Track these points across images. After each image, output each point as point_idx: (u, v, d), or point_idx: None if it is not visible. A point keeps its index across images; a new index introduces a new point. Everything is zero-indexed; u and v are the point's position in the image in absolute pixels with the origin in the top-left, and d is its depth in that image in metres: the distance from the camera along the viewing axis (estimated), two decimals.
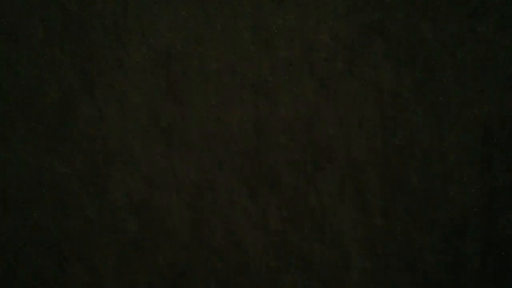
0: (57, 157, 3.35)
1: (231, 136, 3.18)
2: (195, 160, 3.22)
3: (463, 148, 2.89)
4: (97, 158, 3.31)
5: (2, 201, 3.40)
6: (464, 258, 2.89)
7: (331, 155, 3.05)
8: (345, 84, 3.05)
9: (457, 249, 2.88)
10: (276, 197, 3.13)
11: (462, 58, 2.89)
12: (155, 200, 3.28)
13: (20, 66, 3.36)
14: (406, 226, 2.95)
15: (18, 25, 3.36)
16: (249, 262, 3.15)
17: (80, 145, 3.33)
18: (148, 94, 3.26)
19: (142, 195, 3.28)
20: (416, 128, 2.94)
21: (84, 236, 3.36)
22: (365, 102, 3.02)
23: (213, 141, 3.19)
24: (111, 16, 3.28)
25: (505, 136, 2.86)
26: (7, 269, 3.43)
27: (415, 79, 2.96)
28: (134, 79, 3.28)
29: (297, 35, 3.14)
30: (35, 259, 3.40)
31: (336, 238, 3.05)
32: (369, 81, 3.02)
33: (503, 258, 2.87)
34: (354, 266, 3.02)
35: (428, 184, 2.92)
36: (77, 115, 3.32)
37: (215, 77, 3.20)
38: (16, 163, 3.38)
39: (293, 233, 3.10)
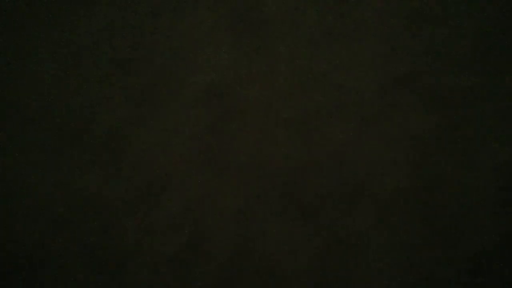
0: (105, 182, 3.50)
1: (274, 168, 3.34)
2: (240, 189, 3.37)
3: (483, 191, 3.09)
4: (146, 183, 3.45)
5: (53, 221, 3.52)
6: None
7: (367, 189, 3.24)
8: (380, 125, 3.24)
9: (474, 282, 3.09)
10: (312, 227, 3.30)
11: (485, 108, 3.09)
12: (201, 224, 3.41)
13: (72, 96, 3.51)
14: (432, 259, 3.16)
15: (72, 57, 3.53)
16: (291, 283, 3.33)
17: (128, 171, 3.47)
18: (195, 127, 3.42)
19: (188, 219, 3.41)
20: (444, 169, 3.13)
21: (131, 254, 3.47)
22: (398, 142, 3.21)
23: (257, 172, 3.35)
24: (160, 56, 3.46)
25: None
26: (55, 283, 3.57)
27: (443, 124, 3.14)
28: (181, 113, 3.44)
29: (331, 80, 3.30)
30: (83, 275, 3.53)
31: (372, 263, 3.24)
32: (403, 124, 3.22)
33: None
34: None
35: (449, 222, 3.13)
36: (126, 143, 3.48)
37: (253, 115, 3.37)
38: (67, 186, 3.53)
39: (333, 256, 3.27)
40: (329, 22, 3.37)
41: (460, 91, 3.12)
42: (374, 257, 3.21)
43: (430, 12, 3.24)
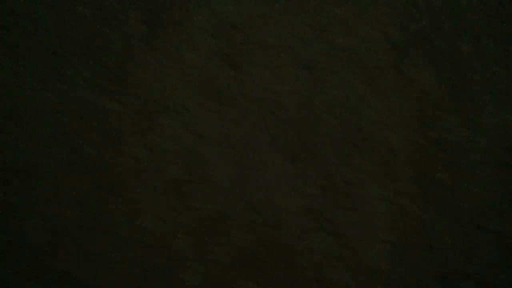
0: (111, 96, 3.51)
1: (280, 105, 3.41)
2: (243, 121, 3.43)
3: (487, 151, 3.24)
4: (150, 103, 3.49)
5: (55, 132, 3.57)
6: (478, 245, 3.31)
7: (370, 138, 3.35)
8: (390, 78, 3.33)
9: (471, 236, 3.29)
10: (315, 166, 3.40)
11: (495, 73, 3.22)
12: (201, 150, 3.47)
13: (86, 9, 3.48)
14: (429, 210, 3.33)
15: None
16: (284, 219, 3.46)
17: (135, 89, 3.49)
18: (206, 56, 3.43)
19: (189, 144, 3.47)
20: (448, 127, 3.28)
21: (129, 172, 3.55)
22: (406, 97, 3.32)
23: (263, 107, 3.41)
24: None
25: None
26: (51, 193, 3.61)
27: (452, 84, 3.28)
28: (194, 39, 3.43)
29: (352, 27, 3.36)
30: (80, 188, 3.59)
31: (366, 211, 3.39)
32: (412, 80, 3.31)
33: None
34: (378, 237, 3.39)
35: (453, 177, 3.28)
36: (135, 61, 3.47)
37: (271, 52, 3.40)
38: (72, 96, 3.53)
39: (327, 200, 3.39)
40: None
41: (474, 55, 3.23)
42: (372, 202, 3.35)
43: None
